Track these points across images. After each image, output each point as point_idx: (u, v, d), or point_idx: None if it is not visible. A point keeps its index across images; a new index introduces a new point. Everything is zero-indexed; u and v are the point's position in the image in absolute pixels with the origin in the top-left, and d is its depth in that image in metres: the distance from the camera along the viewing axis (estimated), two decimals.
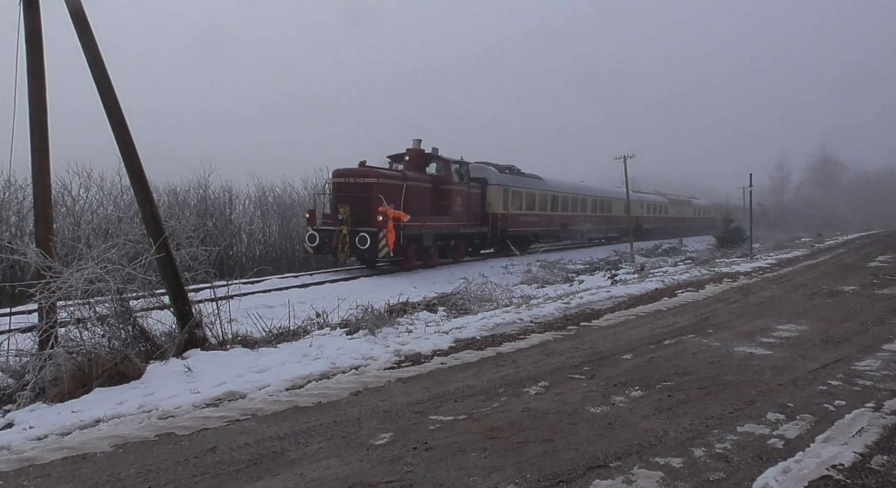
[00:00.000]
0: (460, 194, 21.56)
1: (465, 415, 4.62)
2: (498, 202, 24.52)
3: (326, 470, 3.68)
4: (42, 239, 6.46)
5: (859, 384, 5.46)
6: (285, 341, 7.41)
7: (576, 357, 6.49)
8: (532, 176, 28.60)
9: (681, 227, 47.49)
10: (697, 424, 4.41)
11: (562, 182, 32.29)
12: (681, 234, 42.28)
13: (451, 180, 20.97)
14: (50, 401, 5.10)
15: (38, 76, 6.48)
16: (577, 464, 3.72)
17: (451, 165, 21.14)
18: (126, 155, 6.71)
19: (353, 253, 17.14)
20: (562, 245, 27.92)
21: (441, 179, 20.84)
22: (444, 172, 20.95)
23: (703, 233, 45.20)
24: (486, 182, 24.37)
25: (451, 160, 21.32)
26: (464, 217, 21.85)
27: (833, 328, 8.10)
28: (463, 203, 21.74)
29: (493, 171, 25.11)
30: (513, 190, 25.64)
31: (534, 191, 27.89)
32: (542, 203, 28.77)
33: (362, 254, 17.23)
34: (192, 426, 4.44)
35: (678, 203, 50.27)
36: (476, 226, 22.98)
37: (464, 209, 21.83)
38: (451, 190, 20.98)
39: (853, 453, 3.88)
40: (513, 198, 25.53)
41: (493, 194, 24.45)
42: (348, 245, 16.83)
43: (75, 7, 6.37)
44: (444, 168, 21.05)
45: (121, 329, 6.32)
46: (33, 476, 3.69)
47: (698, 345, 7.09)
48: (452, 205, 20.97)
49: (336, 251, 17.06)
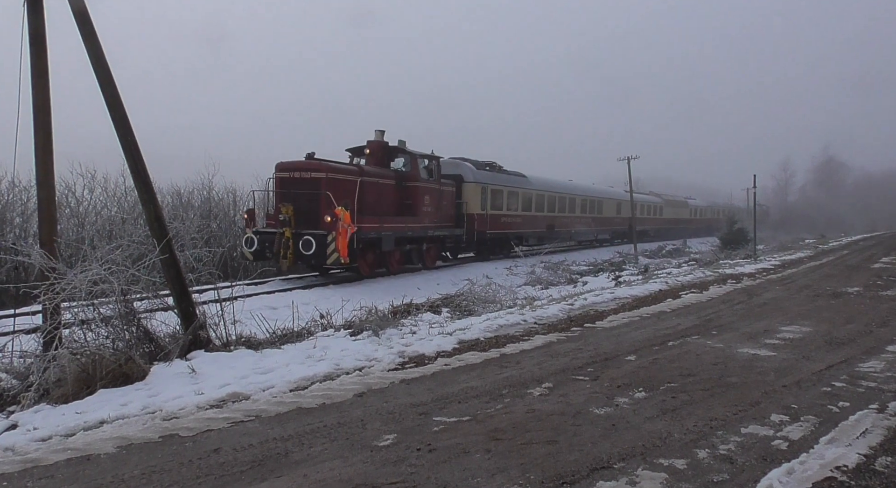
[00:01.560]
0: (429, 192, 19.20)
1: (469, 417, 4.62)
2: (475, 201, 22.33)
3: (330, 471, 3.68)
4: (46, 240, 6.48)
5: (863, 385, 5.44)
6: (289, 342, 7.42)
7: (580, 358, 6.48)
8: (515, 173, 26.57)
9: (676, 229, 45.46)
10: (701, 426, 4.40)
11: (548, 180, 30.22)
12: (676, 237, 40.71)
13: (417, 176, 18.59)
14: (54, 403, 5.11)
15: (42, 77, 6.51)
16: (580, 466, 3.71)
17: (418, 160, 18.73)
18: (130, 156, 6.73)
19: (298, 259, 14.85)
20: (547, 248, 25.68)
21: (407, 175, 18.47)
22: (411, 168, 18.56)
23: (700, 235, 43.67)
24: (462, 179, 22.10)
25: (418, 154, 18.89)
26: (434, 218, 19.39)
27: (837, 329, 8.07)
28: (433, 202, 19.34)
29: (469, 168, 22.81)
30: (492, 188, 23.55)
31: (516, 190, 25.68)
32: (526, 202, 26.61)
33: (309, 260, 14.89)
34: (196, 427, 4.45)
35: (673, 204, 48.32)
36: (449, 228, 20.51)
37: (434, 209, 19.40)
38: (418, 187, 18.61)
39: (857, 454, 3.86)
40: (492, 197, 23.47)
41: (469, 193, 22.17)
42: (292, 250, 14.44)
43: (79, 8, 6.39)
44: (411, 163, 18.61)
45: (125, 330, 6.34)
46: (37, 477, 3.69)
47: (702, 346, 7.08)
48: (420, 205, 18.60)
49: (278, 256, 14.65)
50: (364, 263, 16.43)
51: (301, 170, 15.46)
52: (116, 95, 6.61)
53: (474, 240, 22.31)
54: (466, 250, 23.05)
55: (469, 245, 22.42)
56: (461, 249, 22.79)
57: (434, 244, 20.04)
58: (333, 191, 14.88)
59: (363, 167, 17.17)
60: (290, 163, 15.76)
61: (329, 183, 15.18)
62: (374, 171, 17.32)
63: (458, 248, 22.49)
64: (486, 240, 23.02)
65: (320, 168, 15.43)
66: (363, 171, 16.67)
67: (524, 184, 26.65)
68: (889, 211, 66.92)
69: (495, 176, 24.38)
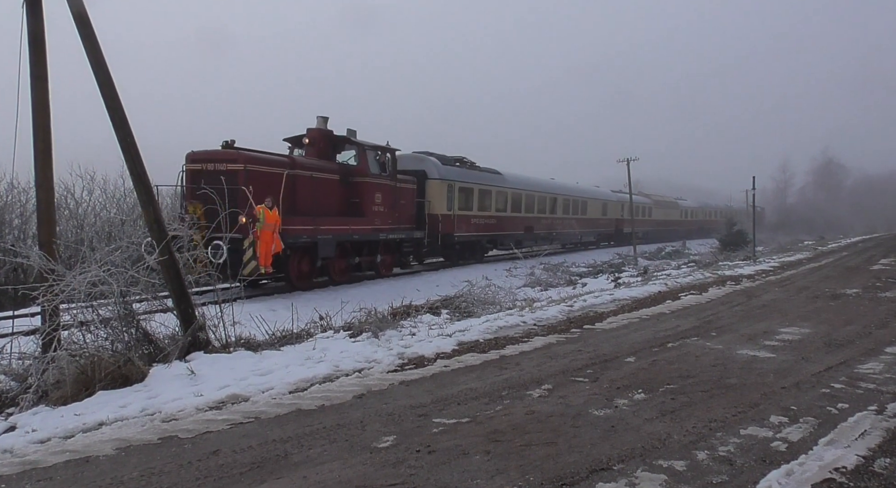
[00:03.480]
0: (382, 189, 16.99)
1: (469, 418, 4.61)
2: (440, 200, 20.04)
3: (330, 473, 3.68)
4: (45, 242, 6.48)
5: (862, 387, 5.45)
6: (288, 344, 7.42)
7: (579, 360, 6.48)
8: (489, 170, 24.43)
9: (666, 231, 43.36)
10: (700, 427, 4.40)
11: (526, 178, 27.97)
12: (666, 239, 39.39)
13: (366, 171, 16.48)
14: (53, 404, 5.10)
15: (41, 79, 6.51)
16: (580, 467, 3.71)
17: (367, 152, 16.52)
18: (129, 157, 6.72)
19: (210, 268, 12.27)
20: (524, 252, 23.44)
21: (353, 170, 16.43)
22: (359, 161, 16.53)
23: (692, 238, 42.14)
24: (426, 175, 19.93)
25: (368, 145, 16.70)
26: (388, 219, 17.25)
27: (836, 331, 8.07)
28: (387, 201, 17.15)
29: (434, 163, 20.59)
30: (460, 186, 21.31)
31: (489, 188, 23.45)
32: (501, 202, 24.45)
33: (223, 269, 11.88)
34: (196, 429, 4.44)
35: (663, 204, 46.20)
36: (407, 231, 18.31)
37: (388, 209, 17.23)
38: (368, 184, 16.46)
39: (856, 456, 3.86)
40: (460, 195, 21.27)
41: (433, 191, 19.93)
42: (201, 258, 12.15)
43: (78, 10, 6.39)
44: (359, 155, 16.52)
45: (124, 332, 6.34)
46: (36, 479, 3.69)
47: (701, 348, 7.08)
48: (370, 204, 16.44)
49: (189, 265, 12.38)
50: (297, 272, 14.20)
51: (215, 161, 13.09)
52: (116, 97, 6.61)
53: (438, 244, 20.12)
54: (432, 255, 20.92)
55: (433, 249, 20.23)
56: (426, 254, 20.49)
57: (388, 249, 17.78)
58: (255, 186, 12.78)
59: (296, 158, 15.08)
60: (203, 152, 13.33)
61: (249, 176, 12.97)
62: (310, 164, 15.19)
63: (421, 253, 20.18)
64: (453, 244, 21.05)
65: (238, 158, 13.10)
66: (295, 163, 14.62)
67: (498, 182, 24.50)
68: (888, 213, 66.99)
69: (465, 172, 22.23)
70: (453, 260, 21.80)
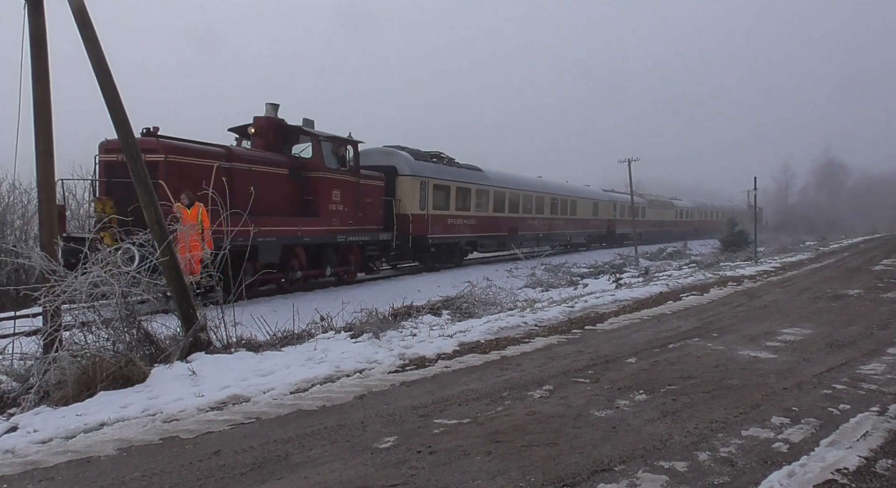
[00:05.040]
0: (341, 186, 15.42)
1: (470, 419, 4.61)
2: (411, 199, 18.56)
3: (331, 473, 3.68)
4: (47, 242, 6.48)
5: (864, 388, 5.44)
6: (290, 344, 7.41)
7: (580, 360, 6.48)
8: (469, 167, 22.85)
9: (660, 232, 41.70)
10: (702, 428, 4.39)
11: (512, 176, 26.37)
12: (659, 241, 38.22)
13: (321, 165, 14.87)
14: (54, 405, 5.11)
15: (43, 79, 6.52)
16: (581, 468, 3.70)
17: (322, 143, 14.91)
18: (130, 158, 6.74)
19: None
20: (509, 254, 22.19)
21: (306, 164, 14.81)
22: (314, 153, 14.95)
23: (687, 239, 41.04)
24: (396, 171, 18.45)
25: (323, 135, 15.06)
26: (348, 218, 15.69)
27: (838, 332, 8.06)
28: (347, 199, 15.64)
29: (404, 158, 18.97)
30: (435, 183, 19.79)
31: (468, 186, 21.95)
32: (482, 201, 22.92)
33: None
34: (197, 429, 4.45)
35: (657, 204, 44.40)
36: (372, 232, 16.76)
37: (350, 208, 15.72)
38: (323, 179, 14.85)
39: (858, 457, 3.86)
40: (435, 194, 19.77)
41: (404, 188, 18.44)
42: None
43: (79, 9, 6.40)
44: (314, 147, 14.91)
45: (125, 332, 6.34)
46: (37, 479, 3.69)
47: (703, 348, 7.07)
48: (326, 202, 14.88)
49: None
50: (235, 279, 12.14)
51: None
52: (117, 98, 6.62)
53: (409, 247, 18.50)
54: (402, 259, 19.40)
55: (404, 253, 18.65)
56: (395, 258, 18.89)
57: (352, 252, 16.31)
58: (179, 181, 11.19)
59: (233, 149, 13.47)
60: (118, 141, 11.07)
61: (170, 168, 11.35)
62: (251, 156, 13.56)
63: (390, 257, 18.60)
64: (427, 247, 19.54)
65: (158, 147, 11.30)
66: (232, 155, 12.99)
67: (479, 180, 22.95)
68: (890, 213, 66.88)
69: (440, 168, 20.75)
70: (428, 264, 20.25)
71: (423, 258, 20.04)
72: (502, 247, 24.21)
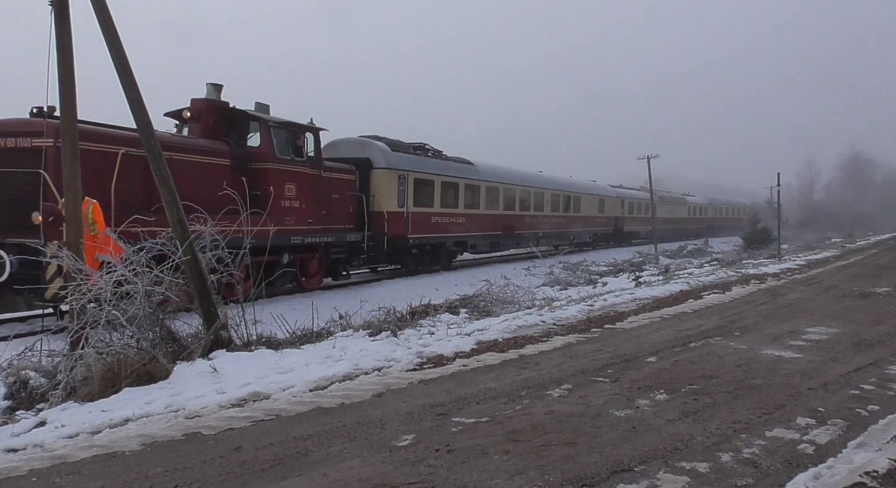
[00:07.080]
0: (297, 179, 13.37)
1: (488, 418, 4.60)
2: (388, 195, 16.57)
3: (349, 470, 3.70)
4: (73, 242, 6.61)
5: (893, 388, 5.31)
6: (309, 342, 7.48)
7: (599, 359, 6.43)
8: (457, 160, 20.64)
9: (671, 230, 39.48)
10: (724, 429, 4.33)
11: (507, 170, 24.08)
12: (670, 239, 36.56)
13: (271, 155, 12.71)
14: (81, 401, 5.22)
15: (68, 83, 6.63)
16: (600, 468, 3.67)
17: (271, 129, 12.80)
18: (153, 159, 6.84)
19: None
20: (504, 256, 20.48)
21: (253, 153, 12.65)
22: (262, 141, 12.84)
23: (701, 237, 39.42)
24: (370, 164, 16.47)
25: (274, 121, 12.98)
26: (307, 216, 13.77)
27: (865, 331, 7.89)
28: (305, 194, 13.64)
29: (380, 148, 16.88)
30: (417, 177, 17.81)
31: (455, 181, 19.82)
32: (472, 198, 20.84)
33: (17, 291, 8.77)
34: (218, 426, 4.51)
35: (668, 201, 41.92)
36: (339, 232, 14.81)
37: (309, 204, 13.78)
38: (273, 171, 12.72)
39: (888, 460, 3.77)
40: (417, 189, 17.83)
41: (380, 183, 16.44)
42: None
43: (103, 13, 6.51)
44: (262, 134, 12.82)
45: (148, 330, 6.45)
46: (65, 473, 3.77)
47: (725, 347, 6.97)
48: (278, 197, 12.64)
49: None
50: None
51: (16, 135, 9.17)
52: (140, 100, 6.73)
53: (384, 249, 16.46)
54: (377, 261, 17.16)
55: (378, 255, 16.54)
56: (368, 261, 16.78)
57: (312, 255, 14.27)
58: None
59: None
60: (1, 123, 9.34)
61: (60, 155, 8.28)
62: (175, 143, 11.26)
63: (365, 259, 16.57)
64: (407, 248, 17.58)
65: (46, 130, 8.78)
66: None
67: (469, 174, 20.77)
68: None
69: (422, 161, 18.54)
70: (410, 267, 18.18)
71: (404, 261, 18.05)
72: (496, 247, 22.58)
